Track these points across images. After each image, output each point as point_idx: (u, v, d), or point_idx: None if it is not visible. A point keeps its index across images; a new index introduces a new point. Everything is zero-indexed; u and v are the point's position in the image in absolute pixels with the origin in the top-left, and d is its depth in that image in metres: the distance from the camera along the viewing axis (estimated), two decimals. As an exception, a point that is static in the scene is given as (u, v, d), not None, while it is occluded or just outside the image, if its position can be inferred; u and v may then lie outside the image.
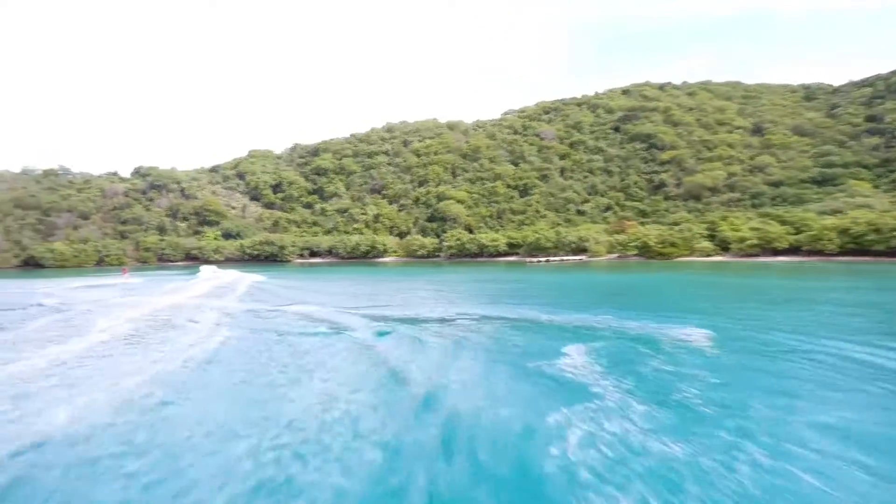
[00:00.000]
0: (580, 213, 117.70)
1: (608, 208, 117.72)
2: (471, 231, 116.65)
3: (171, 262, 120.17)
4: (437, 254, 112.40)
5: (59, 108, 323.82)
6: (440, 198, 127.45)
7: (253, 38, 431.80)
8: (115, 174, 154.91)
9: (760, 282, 41.53)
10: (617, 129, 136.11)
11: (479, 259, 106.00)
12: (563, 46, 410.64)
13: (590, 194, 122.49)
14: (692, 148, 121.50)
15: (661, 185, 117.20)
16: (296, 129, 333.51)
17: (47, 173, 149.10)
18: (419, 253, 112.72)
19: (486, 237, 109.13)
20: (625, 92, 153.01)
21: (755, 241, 77.32)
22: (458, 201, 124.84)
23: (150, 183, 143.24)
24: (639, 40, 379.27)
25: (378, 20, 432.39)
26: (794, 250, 74.91)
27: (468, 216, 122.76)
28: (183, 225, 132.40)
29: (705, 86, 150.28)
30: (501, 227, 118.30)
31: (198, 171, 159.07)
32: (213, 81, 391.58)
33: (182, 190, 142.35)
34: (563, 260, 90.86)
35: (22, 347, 17.33)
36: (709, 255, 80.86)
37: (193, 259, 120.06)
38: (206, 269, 69.82)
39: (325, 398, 11.70)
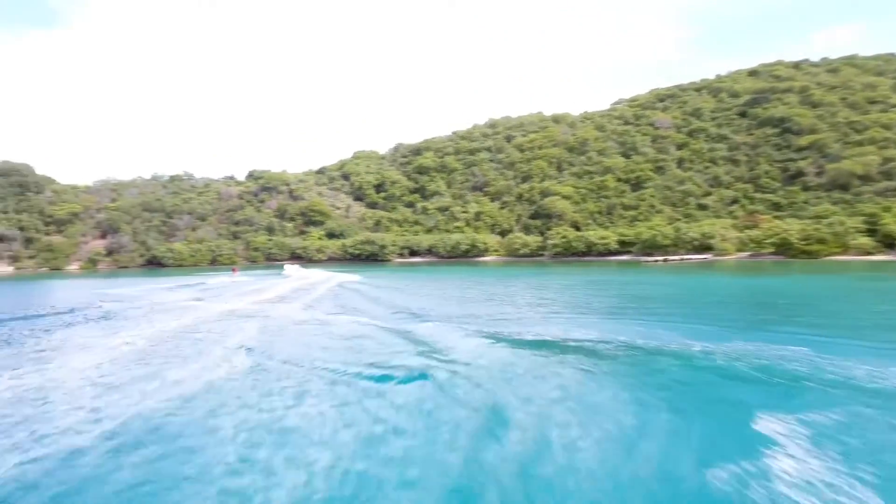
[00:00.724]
0: (701, 207, 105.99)
1: (734, 201, 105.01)
2: (577, 228, 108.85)
3: (278, 261, 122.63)
4: (540, 253, 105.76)
5: (186, 118, 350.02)
6: (544, 194, 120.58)
7: (360, 41, 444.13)
8: (231, 178, 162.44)
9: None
10: (743, 114, 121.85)
11: (586, 258, 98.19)
12: (678, 29, 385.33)
13: (712, 186, 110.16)
14: (836, 131, 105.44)
15: (799, 173, 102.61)
16: (400, 129, 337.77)
17: (173, 179, 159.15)
18: (521, 252, 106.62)
19: (594, 234, 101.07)
20: (752, 73, 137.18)
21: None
22: (564, 197, 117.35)
23: (262, 185, 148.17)
24: (764, 16, 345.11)
25: (482, 17, 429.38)
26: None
27: (574, 212, 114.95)
28: (290, 225, 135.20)
29: (850, 61, 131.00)
30: (611, 223, 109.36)
31: (305, 174, 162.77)
32: (323, 86, 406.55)
33: (290, 191, 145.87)
34: (683, 259, 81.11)
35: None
36: (868, 254, 68.12)
37: (298, 258, 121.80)
38: (288, 269, 69.39)
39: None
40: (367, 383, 11.73)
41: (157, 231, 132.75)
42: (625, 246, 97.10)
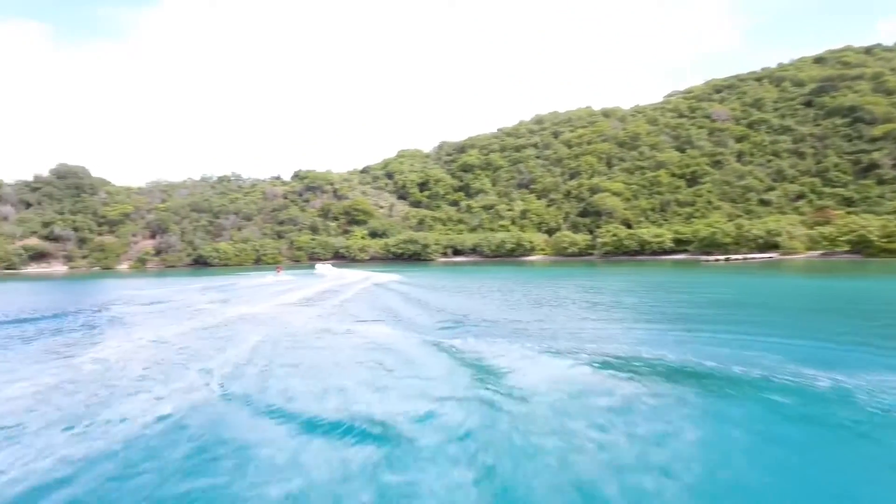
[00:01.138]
0: (763, 202, 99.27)
1: (800, 196, 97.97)
2: (629, 226, 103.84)
3: (321, 260, 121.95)
4: (589, 252, 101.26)
5: (238, 120, 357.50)
6: (593, 190, 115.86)
7: (405, 39, 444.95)
8: (277, 178, 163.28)
9: None
10: (809, 104, 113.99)
11: (638, 257, 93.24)
12: (733, 16, 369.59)
13: (775, 181, 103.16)
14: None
15: (872, 166, 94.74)
16: (445, 127, 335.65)
17: (221, 179, 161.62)
18: (569, 251, 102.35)
19: (647, 232, 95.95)
20: (818, 60, 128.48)
21: None
22: (614, 193, 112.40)
23: (307, 185, 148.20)
24: (826, 4, 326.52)
25: (527, 10, 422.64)
26: None
27: (625, 209, 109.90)
28: (333, 224, 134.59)
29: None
30: (665, 220, 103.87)
31: (350, 173, 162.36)
32: (370, 86, 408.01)
33: (334, 191, 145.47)
34: (747, 259, 75.42)
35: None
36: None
37: (341, 257, 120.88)
38: (320, 268, 68.41)
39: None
40: (374, 439, 8.37)
41: (205, 231, 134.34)
42: (680, 244, 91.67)
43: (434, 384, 10.83)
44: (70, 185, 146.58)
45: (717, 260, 76.04)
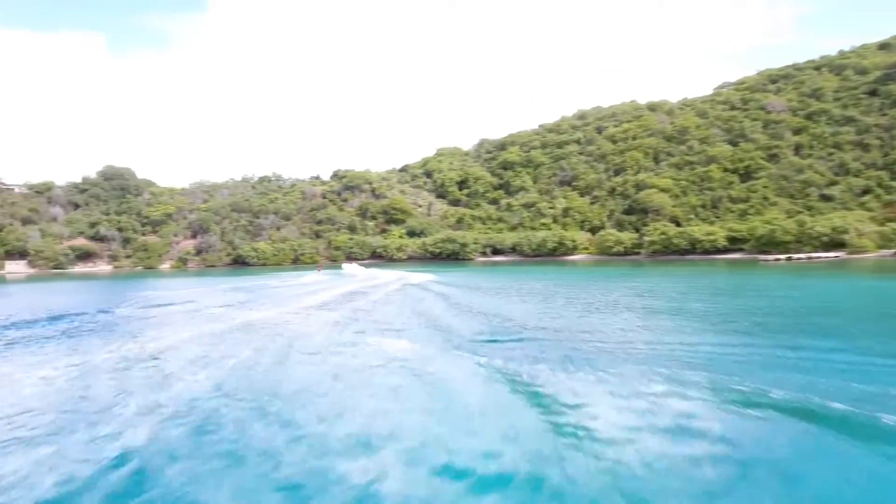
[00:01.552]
0: (825, 198, 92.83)
1: (866, 191, 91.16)
2: (678, 224, 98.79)
3: (359, 260, 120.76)
4: (635, 251, 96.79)
5: (281, 121, 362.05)
6: (639, 187, 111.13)
7: (445, 37, 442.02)
8: (317, 178, 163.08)
9: None
10: (873, 93, 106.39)
11: (689, 257, 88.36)
12: (783, 5, 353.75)
13: (837, 174, 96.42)
14: None
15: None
16: (484, 125, 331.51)
17: (262, 180, 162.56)
18: (614, 250, 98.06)
19: (698, 230, 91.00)
20: (882, 46, 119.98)
21: None
22: (662, 190, 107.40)
23: (345, 184, 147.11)
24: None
25: (570, 5, 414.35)
26: None
27: (674, 206, 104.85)
28: (371, 224, 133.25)
29: None
30: (717, 218, 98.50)
31: (388, 172, 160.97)
32: (410, 85, 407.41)
33: (373, 190, 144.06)
34: (811, 258, 70.08)
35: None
36: None
37: (378, 257, 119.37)
38: (347, 267, 67.55)
39: None
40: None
41: (244, 231, 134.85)
42: (734, 243, 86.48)
43: (472, 422, 8.14)
44: (116, 186, 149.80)
45: (778, 260, 70.95)
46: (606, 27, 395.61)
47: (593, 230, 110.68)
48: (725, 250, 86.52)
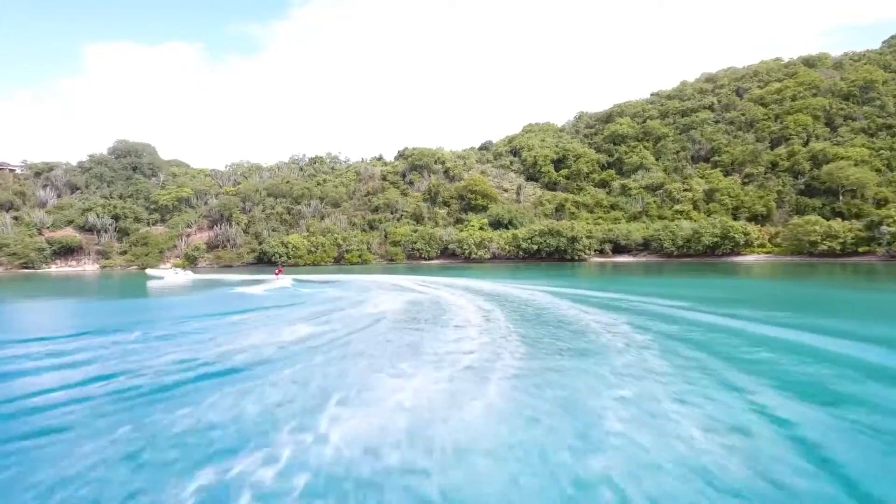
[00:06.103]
0: None
1: None
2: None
3: (424, 259, 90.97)
4: (853, 247, 64.90)
5: (345, 103, 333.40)
6: (816, 160, 79.56)
7: (529, 13, 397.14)
8: (379, 158, 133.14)
9: None
10: None
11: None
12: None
13: None
14: None
15: None
16: (576, 102, 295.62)
17: (313, 160, 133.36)
18: (820, 247, 65.89)
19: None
20: None
21: None
22: (856, 162, 75.54)
23: (412, 164, 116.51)
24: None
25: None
26: None
27: (878, 185, 73.31)
28: (442, 212, 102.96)
29: None
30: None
31: (465, 151, 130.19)
32: (491, 62, 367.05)
33: (445, 170, 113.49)
34: None
35: None
36: None
37: (450, 256, 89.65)
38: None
39: None
40: None
41: (279, 220, 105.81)
42: None
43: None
44: (126, 165, 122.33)
45: None
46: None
47: (753, 219, 79.53)
48: None
